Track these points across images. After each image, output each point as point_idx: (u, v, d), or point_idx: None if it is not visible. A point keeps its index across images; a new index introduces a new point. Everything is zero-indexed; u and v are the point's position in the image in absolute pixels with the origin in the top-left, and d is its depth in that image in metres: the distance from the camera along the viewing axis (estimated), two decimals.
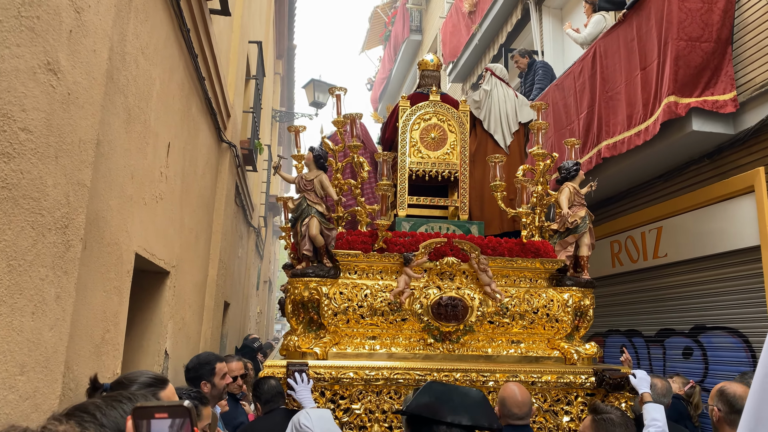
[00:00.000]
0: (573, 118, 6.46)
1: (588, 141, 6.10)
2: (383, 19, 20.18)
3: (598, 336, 7.21)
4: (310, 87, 13.42)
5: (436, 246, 3.83)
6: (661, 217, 5.90)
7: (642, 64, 5.32)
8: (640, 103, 5.28)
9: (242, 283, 8.78)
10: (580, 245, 4.26)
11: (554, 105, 6.84)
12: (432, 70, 5.05)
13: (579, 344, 4.08)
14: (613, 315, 6.87)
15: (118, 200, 2.38)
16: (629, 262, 6.44)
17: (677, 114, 4.76)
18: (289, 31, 13.58)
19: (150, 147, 2.84)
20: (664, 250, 5.86)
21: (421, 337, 3.80)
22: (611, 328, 6.92)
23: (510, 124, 5.01)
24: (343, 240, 3.80)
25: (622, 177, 6.09)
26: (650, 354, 6.18)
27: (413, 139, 4.54)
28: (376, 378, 3.46)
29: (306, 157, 3.86)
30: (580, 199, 4.31)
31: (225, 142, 5.25)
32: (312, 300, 3.68)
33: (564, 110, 6.65)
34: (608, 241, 6.83)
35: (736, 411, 2.62)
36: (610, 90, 5.80)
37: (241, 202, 7.41)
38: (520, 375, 3.64)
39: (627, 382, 3.59)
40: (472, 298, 3.80)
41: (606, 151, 5.71)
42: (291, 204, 3.93)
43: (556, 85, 6.84)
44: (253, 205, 9.31)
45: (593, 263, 7.24)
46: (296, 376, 3.20)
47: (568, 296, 4.06)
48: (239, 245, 7.79)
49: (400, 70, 18.31)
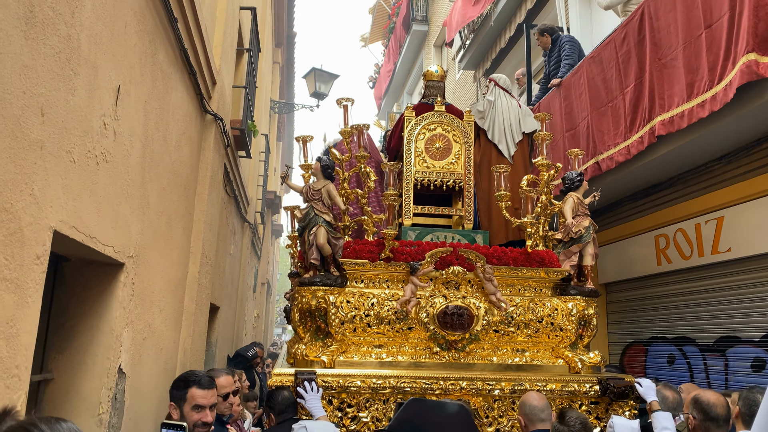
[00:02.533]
0: (615, 94, 5.59)
1: (637, 118, 5.22)
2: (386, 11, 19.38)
3: (638, 344, 6.33)
4: (311, 77, 12.61)
5: (442, 255, 3.85)
6: (722, 205, 5.02)
7: (707, 21, 4.44)
8: (704, 68, 4.40)
9: (235, 283, 7.91)
10: (584, 255, 4.24)
11: (591, 81, 5.98)
12: (437, 81, 5.06)
13: (583, 353, 4.08)
14: (657, 320, 5.98)
15: (11, 144, 1.52)
16: (680, 258, 5.55)
17: (759, 75, 3.88)
18: (289, 17, 12.73)
19: (81, 80, 1.97)
20: (727, 243, 4.97)
21: (427, 346, 3.85)
22: (656, 335, 6.04)
23: (514, 134, 5.02)
24: (350, 249, 3.83)
25: (675, 159, 5.21)
26: (707, 366, 5.28)
27: (418, 149, 4.58)
28: (383, 386, 3.50)
29: (314, 167, 3.89)
30: (584, 209, 4.31)
31: (209, 113, 4.38)
32: (319, 309, 3.72)
33: (603, 85, 5.78)
34: (652, 235, 5.95)
35: (711, 419, 2.80)
36: (663, 56, 4.92)
37: (234, 192, 6.55)
38: (525, 383, 3.67)
39: (632, 391, 3.63)
40: (477, 307, 3.83)
41: (661, 127, 4.83)
42: (298, 213, 3.93)
43: (592, 57, 5.96)
44: (248, 198, 8.44)
45: (632, 262, 6.39)
46: (305, 385, 3.21)
47: (572, 305, 4.07)
48: (231, 241, 6.92)
49: (405, 62, 17.49)
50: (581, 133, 6.17)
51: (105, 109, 2.22)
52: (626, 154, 5.34)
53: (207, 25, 4.08)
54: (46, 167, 1.73)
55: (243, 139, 5.98)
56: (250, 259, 9.80)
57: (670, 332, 5.81)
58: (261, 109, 9.53)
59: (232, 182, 6.19)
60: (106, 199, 2.30)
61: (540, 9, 8.76)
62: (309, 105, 13.04)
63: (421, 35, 16.16)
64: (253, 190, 9.12)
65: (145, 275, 3.03)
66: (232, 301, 7.65)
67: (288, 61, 14.40)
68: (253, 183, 9.02)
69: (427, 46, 16.08)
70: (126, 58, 2.44)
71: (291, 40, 13.52)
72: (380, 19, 19.88)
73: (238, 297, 8.31)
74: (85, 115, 2.02)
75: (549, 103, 6.95)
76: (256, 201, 9.85)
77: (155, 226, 3.15)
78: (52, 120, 1.75)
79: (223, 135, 4.85)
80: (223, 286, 6.30)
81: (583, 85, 6.19)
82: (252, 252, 9.94)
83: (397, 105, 20.23)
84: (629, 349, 6.51)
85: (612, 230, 6.68)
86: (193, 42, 3.60)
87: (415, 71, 17.38)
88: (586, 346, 4.25)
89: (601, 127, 5.79)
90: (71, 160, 1.92)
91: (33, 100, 1.62)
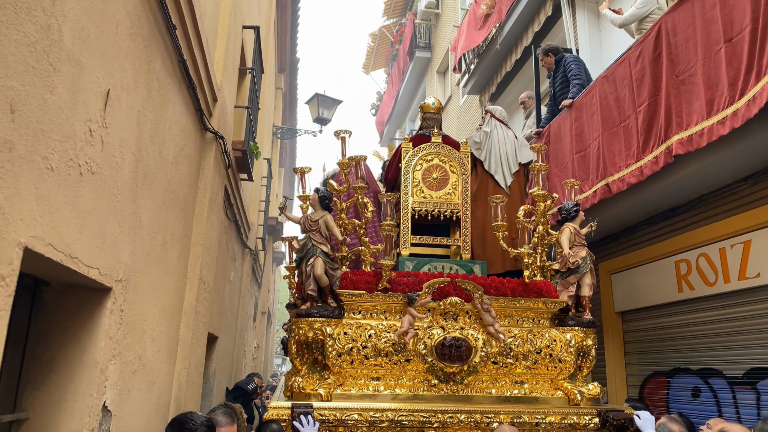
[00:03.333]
0: (628, 113, 5.38)
1: (651, 138, 5.00)
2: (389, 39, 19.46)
3: (659, 376, 5.99)
4: (314, 102, 12.54)
5: (439, 286, 3.82)
6: (749, 228, 4.75)
7: (727, 35, 4.25)
8: (724, 83, 4.19)
9: (235, 312, 7.60)
10: (582, 285, 4.22)
11: (603, 100, 5.79)
12: (433, 113, 5.11)
13: (582, 384, 4.05)
14: (680, 350, 5.66)
15: None
16: (703, 285, 5.26)
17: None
18: (292, 43, 12.68)
19: (63, 78, 1.74)
20: (756, 269, 4.69)
21: (425, 378, 3.81)
22: (678, 366, 5.71)
23: (510, 164, 5.05)
24: (348, 280, 3.80)
25: (696, 180, 4.98)
26: (737, 399, 4.95)
27: (416, 180, 4.61)
28: (381, 420, 3.47)
29: (311, 198, 3.91)
30: (581, 239, 4.29)
31: (210, 131, 4.16)
32: (316, 340, 3.69)
33: (616, 105, 5.58)
34: (671, 261, 5.67)
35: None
36: (681, 72, 4.73)
37: (234, 217, 6.30)
38: (524, 416, 3.65)
39: (631, 423, 3.60)
40: (475, 338, 3.81)
41: (679, 147, 4.60)
42: (296, 244, 3.92)
43: (605, 76, 5.78)
44: (249, 223, 8.19)
45: (651, 289, 6.10)
46: (302, 419, 3.19)
47: (571, 336, 4.05)
48: (231, 267, 6.64)
49: (408, 89, 17.45)
50: (591, 154, 5.96)
51: (91, 114, 1.98)
52: (639, 175, 5.12)
53: (208, 39, 3.90)
54: (16, 173, 1.49)
55: (245, 160, 5.76)
56: (251, 287, 9.50)
57: (695, 363, 5.49)
58: (263, 134, 9.35)
59: (233, 205, 5.95)
60: (91, 214, 2.05)
61: (548, 31, 8.64)
62: (312, 130, 12.91)
63: (424, 62, 16.15)
64: (255, 215, 8.87)
65: (136, 302, 2.76)
66: (231, 331, 7.34)
67: (290, 87, 14.32)
68: (255, 208, 8.77)
69: (430, 72, 16.05)
70: (117, 60, 2.22)
71: (294, 66, 13.46)
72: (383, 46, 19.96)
73: (237, 326, 7.99)
74: (66, 118, 1.78)
75: (559, 125, 6.76)
76: (258, 227, 9.60)
77: (148, 247, 2.90)
78: (24, 119, 1.51)
79: (224, 155, 4.62)
80: (221, 314, 6.01)
81: (595, 105, 6.00)
82: (252, 279, 9.64)
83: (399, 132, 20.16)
84: (649, 382, 6.17)
85: (627, 256, 6.42)
86: (192, 53, 3.39)
87: (417, 98, 17.32)
88: (585, 377, 4.23)
89: (612, 147, 5.58)
90: (48, 167, 1.67)
91: (0, 93, 1.38)
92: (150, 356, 3.10)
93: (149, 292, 3.00)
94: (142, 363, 2.96)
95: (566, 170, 6.37)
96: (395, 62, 18.55)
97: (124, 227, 2.46)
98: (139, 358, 2.88)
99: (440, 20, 15.35)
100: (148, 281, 2.95)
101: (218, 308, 5.78)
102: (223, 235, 5.61)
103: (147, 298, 2.96)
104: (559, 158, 6.60)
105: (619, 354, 6.59)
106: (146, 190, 2.76)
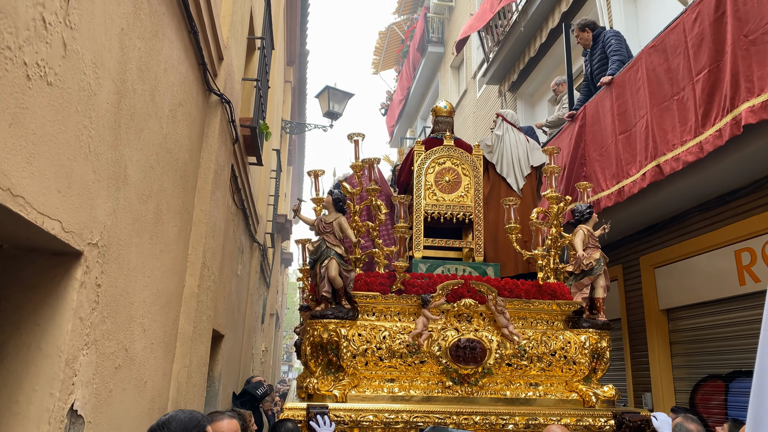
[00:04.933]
0: (683, 84, 4.79)
1: (713, 109, 4.41)
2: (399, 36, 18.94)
3: (715, 380, 5.36)
4: (324, 96, 11.98)
5: (453, 287, 3.85)
6: None
7: None
8: None
9: (242, 310, 7.00)
10: (596, 287, 4.22)
11: (651, 73, 5.21)
12: (445, 116, 5.11)
13: (597, 386, 4.05)
14: (740, 351, 5.03)
15: None
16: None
17: None
18: (302, 33, 12.14)
19: None
20: None
21: (440, 380, 3.81)
22: (738, 369, 5.08)
23: (522, 167, 5.04)
24: (362, 281, 3.83)
25: (764, 156, 4.40)
26: None
27: (428, 183, 4.63)
28: (396, 421, 3.48)
29: (325, 200, 3.97)
30: (594, 241, 4.29)
31: (215, 93, 3.60)
32: (331, 342, 3.70)
33: (667, 76, 4.99)
34: (731, 250, 5.06)
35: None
36: (751, 32, 4.13)
37: (242, 204, 5.74)
38: (540, 418, 3.64)
39: (648, 425, 3.59)
40: (490, 340, 3.82)
41: (750, 115, 4.01)
42: (310, 246, 3.97)
43: (653, 46, 5.19)
44: (258, 216, 7.62)
45: (705, 283, 5.47)
46: (318, 419, 3.19)
47: (585, 338, 4.05)
48: (239, 260, 6.07)
49: (420, 86, 16.91)
50: (638, 133, 5.36)
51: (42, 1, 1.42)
52: (697, 152, 4.54)
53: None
54: None
55: (254, 140, 5.19)
56: (259, 285, 8.92)
57: None
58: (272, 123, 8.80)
59: (240, 191, 5.38)
60: (46, 141, 1.48)
61: (577, 10, 8.06)
62: (322, 125, 12.35)
63: (436, 57, 15.62)
64: (263, 208, 8.29)
65: (120, 278, 2.18)
66: (238, 330, 6.75)
67: (300, 81, 13.78)
68: (264, 199, 8.20)
69: (443, 68, 15.51)
70: None
71: (303, 58, 12.92)
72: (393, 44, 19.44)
73: (245, 326, 7.40)
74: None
75: (597, 105, 6.17)
76: (266, 222, 9.02)
77: (137, 212, 2.32)
78: None
79: (230, 125, 4.06)
80: (228, 310, 5.42)
81: (640, 80, 5.41)
82: (261, 278, 9.06)
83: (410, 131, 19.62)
84: (702, 386, 5.54)
85: (674, 248, 5.81)
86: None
87: (430, 95, 16.78)
88: (599, 379, 4.21)
89: (663, 124, 5.00)
90: None
91: None
92: (140, 349, 2.52)
93: (139, 269, 2.43)
94: (130, 357, 2.38)
95: (608, 154, 5.79)
96: (406, 59, 18.04)
97: (102, 176, 1.89)
98: (124, 351, 2.30)
99: (453, 13, 14.83)
100: (137, 255, 2.38)
101: (225, 303, 5.20)
102: (230, 222, 5.04)
103: (136, 277, 2.39)
104: (598, 141, 6.01)
105: (664, 356, 5.97)
106: (133, 137, 2.19)
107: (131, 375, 2.41)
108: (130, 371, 2.38)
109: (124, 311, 2.27)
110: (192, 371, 3.45)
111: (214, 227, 3.81)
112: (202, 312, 3.63)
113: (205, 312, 3.72)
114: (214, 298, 4.15)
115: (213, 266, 3.91)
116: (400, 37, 18.86)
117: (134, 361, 2.44)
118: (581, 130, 6.39)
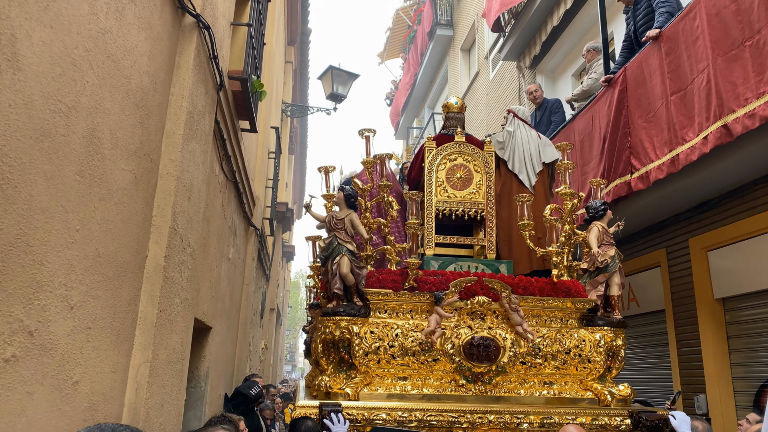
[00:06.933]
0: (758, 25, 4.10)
1: None
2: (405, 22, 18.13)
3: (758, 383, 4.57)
4: (327, 77, 11.24)
5: (466, 285, 3.82)
6: None
7: None
8: None
9: (236, 301, 6.22)
10: (611, 285, 4.19)
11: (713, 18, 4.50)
12: (456, 112, 5.06)
13: (612, 385, 3.99)
14: None
15: None
16: None
17: None
18: (303, 11, 11.36)
19: None
20: None
21: (453, 378, 3.78)
22: None
23: (534, 164, 4.97)
24: (374, 278, 3.81)
25: None
26: None
27: (439, 179, 4.59)
28: (409, 419, 3.44)
29: (337, 197, 3.95)
30: (609, 238, 4.24)
31: (189, 12, 2.83)
32: (343, 339, 3.67)
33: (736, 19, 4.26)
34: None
35: None
36: None
37: (234, 176, 4.96)
38: (554, 417, 3.59)
39: (666, 424, 3.51)
40: (504, 338, 3.79)
41: None
42: (321, 243, 3.96)
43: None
44: (255, 197, 6.84)
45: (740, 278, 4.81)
46: (332, 417, 3.15)
47: (600, 336, 4.00)
48: (231, 242, 5.30)
49: (428, 71, 16.14)
50: (698, 91, 4.59)
51: None
52: None
53: None
54: None
55: (245, 98, 4.41)
56: (257, 276, 8.14)
57: None
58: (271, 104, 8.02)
59: (230, 159, 4.60)
60: None
61: None
62: (325, 108, 11.57)
63: (445, 40, 14.86)
64: (261, 190, 7.51)
65: (15, 216, 1.41)
66: (231, 323, 5.98)
67: (302, 62, 13.00)
68: (261, 181, 7.42)
69: (452, 51, 14.75)
70: None
71: (305, 37, 12.14)
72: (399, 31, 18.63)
73: (240, 319, 6.63)
74: None
75: (641, 65, 5.39)
76: (264, 207, 8.24)
77: (44, 123, 1.54)
78: None
79: (212, 64, 3.28)
80: (216, 298, 4.65)
81: (699, 28, 4.63)
82: (258, 267, 8.28)
83: (417, 120, 18.85)
84: None
85: (732, 227, 5.03)
86: None
87: (438, 80, 16.03)
88: (614, 378, 4.17)
89: (731, 77, 4.24)
90: None
91: None
92: (62, 335, 1.75)
93: (57, 214, 1.66)
94: (39, 345, 1.60)
95: (657, 118, 5.01)
96: (413, 45, 17.26)
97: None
98: (29, 334, 1.54)
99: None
100: (47, 189, 1.61)
101: (212, 290, 4.44)
102: (217, 193, 4.29)
103: (51, 224, 1.62)
104: (644, 106, 5.23)
105: (721, 351, 5.19)
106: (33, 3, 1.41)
107: (45, 370, 1.64)
108: (40, 364, 1.61)
109: (25, 272, 1.49)
110: (158, 368, 2.68)
111: (190, 187, 3.05)
112: (173, 293, 2.87)
113: (178, 293, 2.95)
114: (194, 280, 3.40)
115: (189, 237, 3.14)
116: (406, 23, 18.07)
117: (50, 349, 1.68)
118: (622, 95, 5.62)
